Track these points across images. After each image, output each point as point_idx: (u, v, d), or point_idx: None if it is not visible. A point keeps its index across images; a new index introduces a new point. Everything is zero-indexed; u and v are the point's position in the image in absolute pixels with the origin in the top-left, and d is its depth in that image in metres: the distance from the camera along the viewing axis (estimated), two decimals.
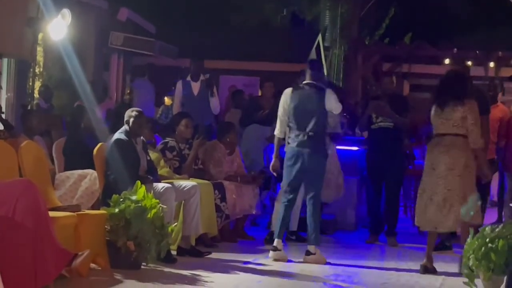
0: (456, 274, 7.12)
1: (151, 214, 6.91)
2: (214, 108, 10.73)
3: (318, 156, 8.02)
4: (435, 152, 7.61)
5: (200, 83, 10.72)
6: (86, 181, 7.77)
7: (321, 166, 8.08)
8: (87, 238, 6.63)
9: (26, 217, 5.39)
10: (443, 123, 7.55)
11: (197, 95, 10.72)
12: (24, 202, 5.43)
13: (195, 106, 10.50)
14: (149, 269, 6.99)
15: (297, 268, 7.58)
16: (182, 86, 10.84)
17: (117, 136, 7.66)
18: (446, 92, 7.61)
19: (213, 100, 10.66)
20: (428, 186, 7.61)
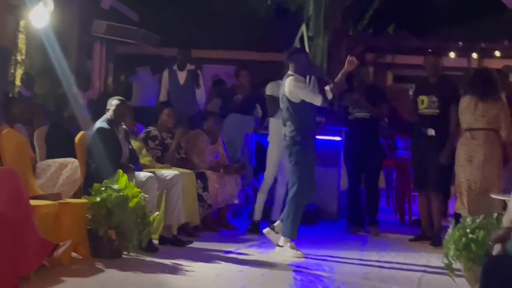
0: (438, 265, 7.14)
1: (133, 203, 6.90)
2: (199, 99, 10.72)
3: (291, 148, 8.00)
4: (471, 146, 8.19)
5: (187, 73, 10.71)
6: (68, 169, 7.74)
7: (293, 157, 7.98)
8: (68, 227, 6.62)
9: (7, 206, 5.37)
10: (477, 119, 8.20)
11: (183, 85, 10.70)
12: (5, 191, 5.41)
13: (181, 96, 10.50)
14: (130, 258, 6.98)
15: (280, 258, 7.58)
16: (169, 75, 10.83)
17: (99, 124, 7.63)
18: (481, 89, 8.27)
19: (198, 91, 10.65)
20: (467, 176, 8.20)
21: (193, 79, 10.60)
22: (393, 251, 8.38)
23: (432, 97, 8.87)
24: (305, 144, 7.82)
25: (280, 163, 9.34)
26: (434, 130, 8.78)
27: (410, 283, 6.76)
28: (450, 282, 6.36)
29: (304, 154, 7.81)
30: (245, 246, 8.22)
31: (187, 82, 10.66)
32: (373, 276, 6.91)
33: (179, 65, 10.78)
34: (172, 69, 10.81)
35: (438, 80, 8.96)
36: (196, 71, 10.75)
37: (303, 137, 7.81)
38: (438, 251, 7.73)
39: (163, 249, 7.57)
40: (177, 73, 10.74)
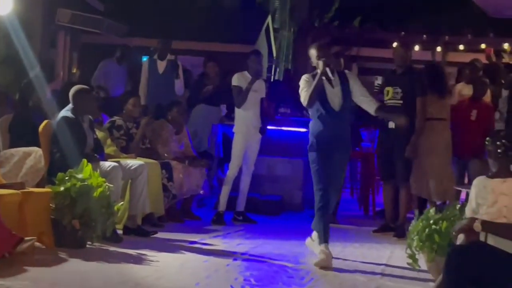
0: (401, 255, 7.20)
1: (97, 193, 6.87)
2: (178, 90, 10.76)
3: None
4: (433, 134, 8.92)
5: (166, 62, 10.76)
6: (31, 158, 7.67)
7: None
8: (31, 216, 6.57)
9: None
10: (440, 110, 9.01)
11: (162, 74, 10.74)
12: None
13: (160, 85, 10.58)
14: (94, 248, 6.95)
15: (244, 248, 7.59)
16: (148, 64, 10.86)
17: (63, 113, 7.58)
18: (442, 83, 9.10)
19: (177, 81, 10.72)
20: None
21: (172, 69, 10.65)
22: (356, 242, 8.43)
23: (396, 89, 8.93)
24: (314, 148, 7.20)
25: (245, 154, 9.35)
26: (394, 124, 8.76)
27: (374, 273, 6.80)
28: (413, 273, 6.42)
29: (313, 158, 7.22)
30: (210, 236, 8.22)
31: (166, 72, 10.72)
32: (336, 267, 6.94)
33: (159, 55, 10.85)
34: (152, 59, 10.85)
35: (404, 71, 9.00)
36: (176, 62, 10.81)
37: (312, 141, 7.23)
38: (401, 242, 7.80)
39: (127, 239, 7.54)
40: (157, 63, 10.79)
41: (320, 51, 7.20)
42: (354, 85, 7.25)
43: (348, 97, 7.23)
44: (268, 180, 10.72)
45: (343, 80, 7.25)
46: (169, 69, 10.73)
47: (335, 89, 7.18)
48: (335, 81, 7.20)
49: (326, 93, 7.16)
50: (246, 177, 9.44)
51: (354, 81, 7.29)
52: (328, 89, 7.17)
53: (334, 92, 7.18)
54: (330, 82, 7.17)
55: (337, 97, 7.18)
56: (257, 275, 6.36)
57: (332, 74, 7.14)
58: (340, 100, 7.19)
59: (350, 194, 12.80)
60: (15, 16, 10.71)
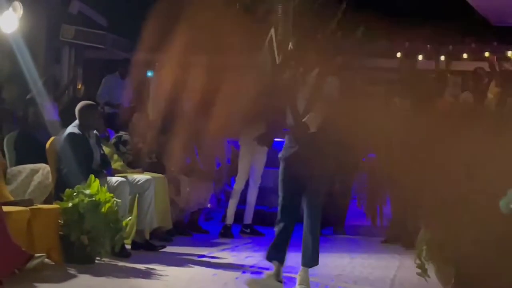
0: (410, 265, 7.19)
1: (105, 208, 6.89)
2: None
3: None
4: None
5: None
6: (39, 175, 7.69)
7: None
8: (40, 233, 6.58)
9: None
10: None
11: None
12: None
13: None
14: (103, 263, 6.95)
15: (253, 261, 7.60)
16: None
17: (70, 130, 7.60)
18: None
19: None
20: None
21: None
22: (365, 253, 8.43)
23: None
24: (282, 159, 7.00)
25: (251, 167, 9.36)
26: None
27: (383, 284, 6.81)
28: (423, 282, 6.41)
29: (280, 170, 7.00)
30: (218, 250, 8.23)
31: None
32: (345, 278, 6.95)
33: None
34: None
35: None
36: None
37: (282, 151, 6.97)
38: (410, 252, 7.77)
39: (135, 254, 7.56)
40: None
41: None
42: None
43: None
44: (275, 192, 10.61)
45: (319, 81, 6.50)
46: None
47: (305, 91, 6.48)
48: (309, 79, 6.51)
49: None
50: (253, 190, 9.45)
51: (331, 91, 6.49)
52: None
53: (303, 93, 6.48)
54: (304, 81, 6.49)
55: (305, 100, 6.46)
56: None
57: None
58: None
59: (357, 204, 12.78)
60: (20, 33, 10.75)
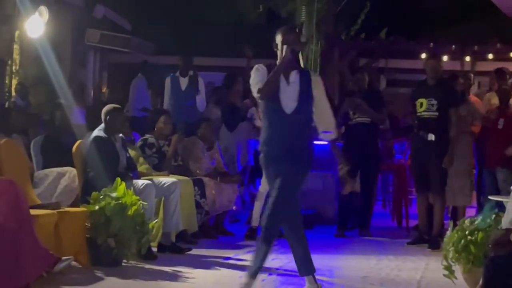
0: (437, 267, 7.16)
1: (132, 211, 6.91)
2: (199, 106, 10.78)
3: None
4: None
5: (188, 79, 10.81)
6: (65, 178, 7.73)
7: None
8: (67, 236, 6.62)
9: (8, 217, 5.38)
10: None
11: (184, 91, 10.80)
12: (5, 201, 5.41)
13: (183, 101, 10.61)
14: (130, 266, 6.98)
15: (278, 263, 7.58)
16: (171, 81, 10.92)
17: (96, 133, 7.65)
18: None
19: (198, 97, 10.73)
20: None
21: (193, 84, 10.68)
22: (391, 255, 8.39)
23: (431, 100, 8.87)
24: (262, 161, 6.14)
25: None
26: (433, 135, 8.79)
27: (409, 285, 6.77)
28: (450, 284, 6.38)
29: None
30: (244, 252, 8.22)
31: (188, 88, 10.77)
32: (372, 280, 6.92)
33: (181, 71, 10.90)
34: (175, 76, 10.92)
35: (437, 82, 8.96)
36: (196, 77, 10.84)
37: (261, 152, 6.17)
38: (436, 254, 7.75)
39: (162, 256, 7.57)
40: (179, 79, 10.86)
41: (286, 35, 5.90)
42: (317, 92, 5.92)
43: (306, 100, 5.86)
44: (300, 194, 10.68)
45: (304, 79, 5.90)
46: (191, 85, 10.77)
47: (291, 87, 5.84)
48: (293, 77, 5.88)
49: (279, 90, 5.84)
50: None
51: (317, 86, 5.93)
52: (282, 86, 5.84)
53: (288, 90, 5.84)
54: (287, 78, 5.86)
55: (291, 97, 5.84)
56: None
57: (291, 67, 5.85)
58: (294, 101, 5.84)
59: (382, 206, 12.75)
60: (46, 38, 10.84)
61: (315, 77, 6.02)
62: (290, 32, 5.93)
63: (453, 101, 8.84)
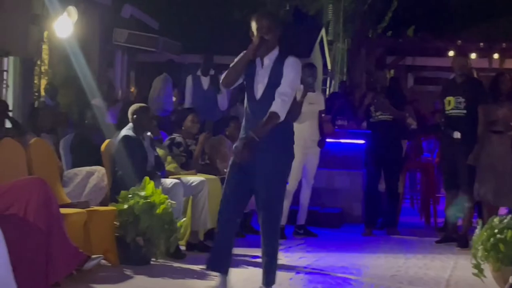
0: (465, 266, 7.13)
1: (160, 210, 6.93)
2: (221, 105, 10.80)
3: None
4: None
5: (210, 78, 10.84)
6: (94, 177, 7.77)
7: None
8: (96, 234, 6.66)
9: (38, 215, 5.41)
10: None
11: (207, 89, 10.83)
12: (36, 200, 5.44)
13: (205, 100, 10.63)
14: (158, 264, 7.01)
15: (306, 261, 7.59)
16: (192, 80, 10.95)
17: (125, 132, 7.68)
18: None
19: (219, 96, 10.74)
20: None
21: (214, 84, 10.69)
22: (419, 253, 8.36)
23: (458, 98, 8.81)
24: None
25: (304, 167, 9.36)
26: (460, 133, 8.75)
27: (438, 284, 6.74)
28: (479, 282, 6.34)
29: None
30: None
31: (210, 87, 10.79)
32: (400, 278, 6.90)
33: (202, 71, 10.92)
34: (196, 75, 10.94)
35: (465, 80, 8.91)
36: (217, 76, 10.84)
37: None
38: (465, 253, 7.72)
39: (190, 255, 7.59)
40: (200, 79, 10.89)
41: (257, 22, 5.53)
42: (286, 72, 5.48)
43: (274, 84, 5.46)
44: (328, 193, 10.71)
45: (277, 62, 5.52)
46: (212, 84, 10.80)
47: (263, 71, 5.51)
48: (267, 61, 5.53)
49: (254, 76, 5.55)
50: (306, 190, 9.45)
51: (288, 68, 5.48)
52: (258, 70, 5.55)
53: (260, 74, 5.53)
54: (262, 62, 5.54)
55: (261, 82, 5.52)
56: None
57: (265, 53, 5.51)
58: (263, 85, 5.50)
59: (410, 204, 12.71)
60: (74, 38, 10.92)
61: (290, 59, 5.51)
62: (262, 19, 5.54)
63: (481, 98, 8.77)
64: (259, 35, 5.44)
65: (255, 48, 5.45)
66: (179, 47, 14.97)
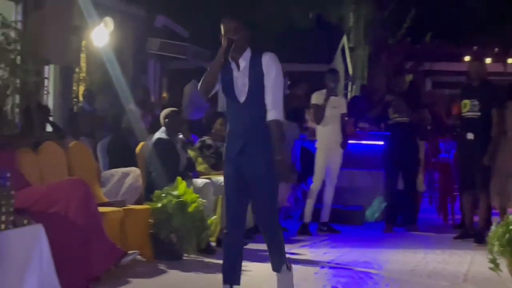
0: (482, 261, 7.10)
1: (192, 208, 6.97)
2: None
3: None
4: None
5: None
6: (130, 178, 7.82)
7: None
8: (132, 232, 6.71)
9: (78, 214, 5.48)
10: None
11: None
12: (76, 200, 5.51)
13: None
14: (190, 259, 7.05)
15: (330, 257, 7.60)
16: None
17: (158, 135, 7.74)
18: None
19: None
20: None
21: None
22: (438, 249, 8.33)
23: (474, 101, 8.77)
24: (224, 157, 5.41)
25: (327, 168, 9.37)
26: (473, 134, 8.70)
27: (456, 278, 6.72)
28: (495, 276, 6.31)
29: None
30: (297, 246, 8.24)
31: None
32: (420, 272, 6.89)
33: None
34: None
35: (480, 84, 8.86)
36: None
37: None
38: (482, 248, 7.68)
39: (220, 251, 7.53)
40: None
41: (223, 25, 5.21)
42: (268, 73, 5.13)
43: (256, 85, 5.11)
44: (350, 191, 10.69)
45: (254, 63, 5.15)
46: None
47: (241, 73, 5.13)
48: (243, 63, 5.15)
49: (233, 79, 5.17)
50: (329, 189, 9.44)
51: (269, 67, 5.14)
52: (235, 74, 5.16)
53: (239, 77, 5.15)
54: (238, 65, 5.16)
55: (242, 84, 5.14)
56: (344, 282, 6.36)
57: (238, 55, 5.14)
58: (245, 88, 5.13)
59: (429, 202, 12.66)
60: (110, 46, 10.99)
61: (266, 56, 5.16)
62: (227, 21, 5.19)
63: (496, 101, 8.71)
64: (227, 37, 5.09)
65: (224, 50, 5.07)
66: (208, 54, 14.99)
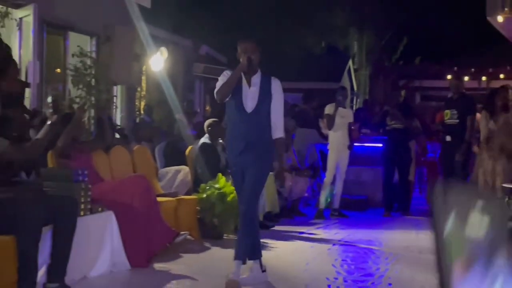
0: None
1: (230, 198, 6.99)
2: None
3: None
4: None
5: None
6: (181, 174, 7.87)
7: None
8: (183, 217, 6.75)
9: (141, 203, 5.51)
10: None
11: None
12: (139, 192, 5.54)
13: None
14: (229, 239, 7.05)
15: (340, 236, 7.57)
16: None
17: (203, 140, 7.78)
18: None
19: None
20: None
21: None
22: (427, 229, 8.25)
23: (453, 111, 8.82)
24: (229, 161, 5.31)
25: (337, 165, 9.36)
26: (450, 137, 8.79)
27: None
28: None
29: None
30: (314, 228, 8.23)
31: None
32: (412, 248, 6.84)
33: None
34: None
35: (459, 97, 8.90)
36: None
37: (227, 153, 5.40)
38: None
39: None
40: None
41: (243, 45, 5.04)
42: (275, 98, 5.06)
43: (265, 101, 5.00)
44: (356, 184, 10.64)
45: (265, 83, 5.06)
46: None
47: (252, 89, 5.00)
48: (255, 80, 5.04)
49: (242, 92, 5.00)
50: (339, 182, 9.41)
51: (277, 93, 5.07)
52: (244, 88, 5.01)
53: (250, 92, 5.00)
54: (249, 82, 5.03)
55: (252, 98, 4.99)
56: (351, 256, 6.34)
57: (252, 72, 5.02)
58: (254, 101, 4.98)
59: (419, 192, 12.57)
60: (164, 70, 11.06)
61: (275, 81, 5.09)
62: (246, 42, 5.04)
63: (470, 111, 8.73)
64: (246, 55, 4.93)
65: (244, 65, 4.91)
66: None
